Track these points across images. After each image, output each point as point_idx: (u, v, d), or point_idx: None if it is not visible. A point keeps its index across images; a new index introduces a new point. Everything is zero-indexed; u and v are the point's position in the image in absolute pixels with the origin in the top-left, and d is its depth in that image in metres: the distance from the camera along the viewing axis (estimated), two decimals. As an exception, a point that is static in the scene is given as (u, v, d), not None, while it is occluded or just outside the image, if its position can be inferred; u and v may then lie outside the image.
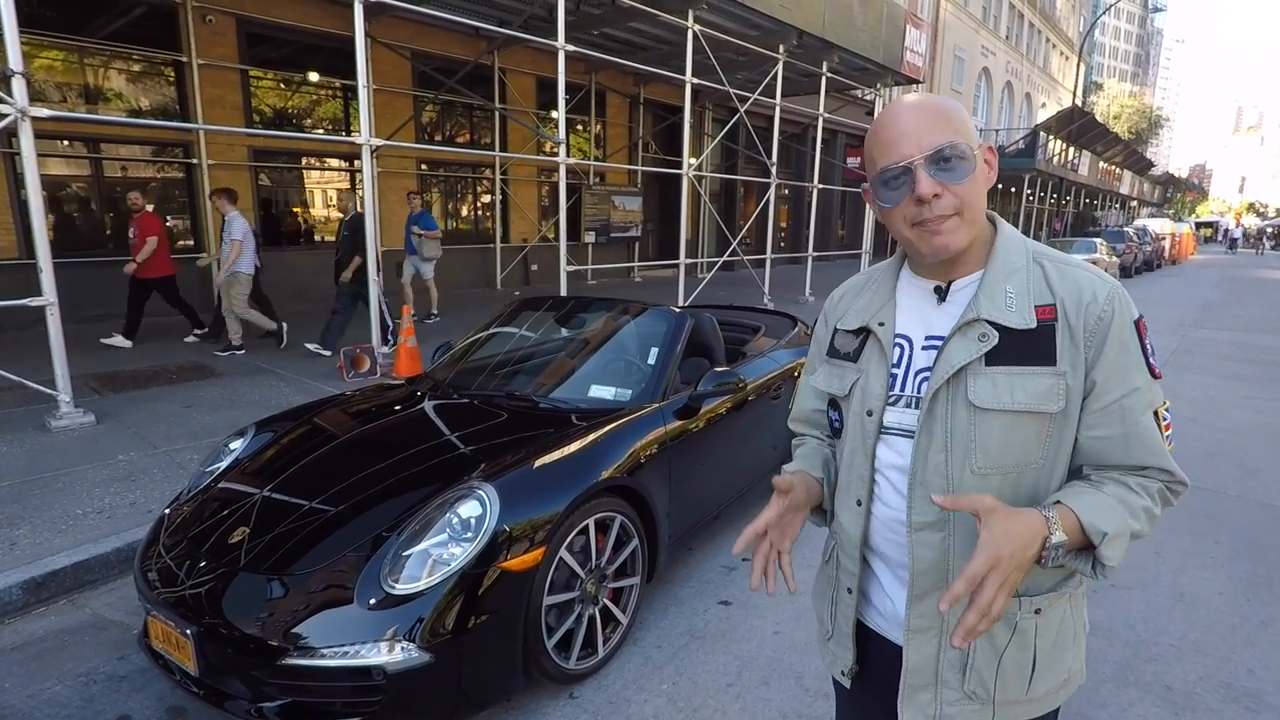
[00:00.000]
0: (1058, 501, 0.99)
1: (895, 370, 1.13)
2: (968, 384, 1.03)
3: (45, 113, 4.68)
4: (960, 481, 1.05)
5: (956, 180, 1.01)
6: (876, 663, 1.22)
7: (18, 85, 4.33)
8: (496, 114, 12.50)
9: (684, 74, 9.41)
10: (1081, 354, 1.01)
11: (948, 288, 1.10)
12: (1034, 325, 1.02)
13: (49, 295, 4.62)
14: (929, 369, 1.08)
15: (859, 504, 1.17)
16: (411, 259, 9.17)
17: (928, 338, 1.11)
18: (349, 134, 10.89)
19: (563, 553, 2.39)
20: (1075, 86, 30.53)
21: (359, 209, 7.17)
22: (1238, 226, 47.54)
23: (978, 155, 1.03)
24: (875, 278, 1.22)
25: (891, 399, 1.13)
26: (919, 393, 1.09)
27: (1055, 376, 1.01)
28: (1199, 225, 52.42)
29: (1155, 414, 1.03)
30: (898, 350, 1.14)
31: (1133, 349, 1.02)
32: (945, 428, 1.05)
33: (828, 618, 1.29)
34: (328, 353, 6.98)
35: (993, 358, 1.03)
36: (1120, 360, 1.01)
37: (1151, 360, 1.04)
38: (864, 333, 1.18)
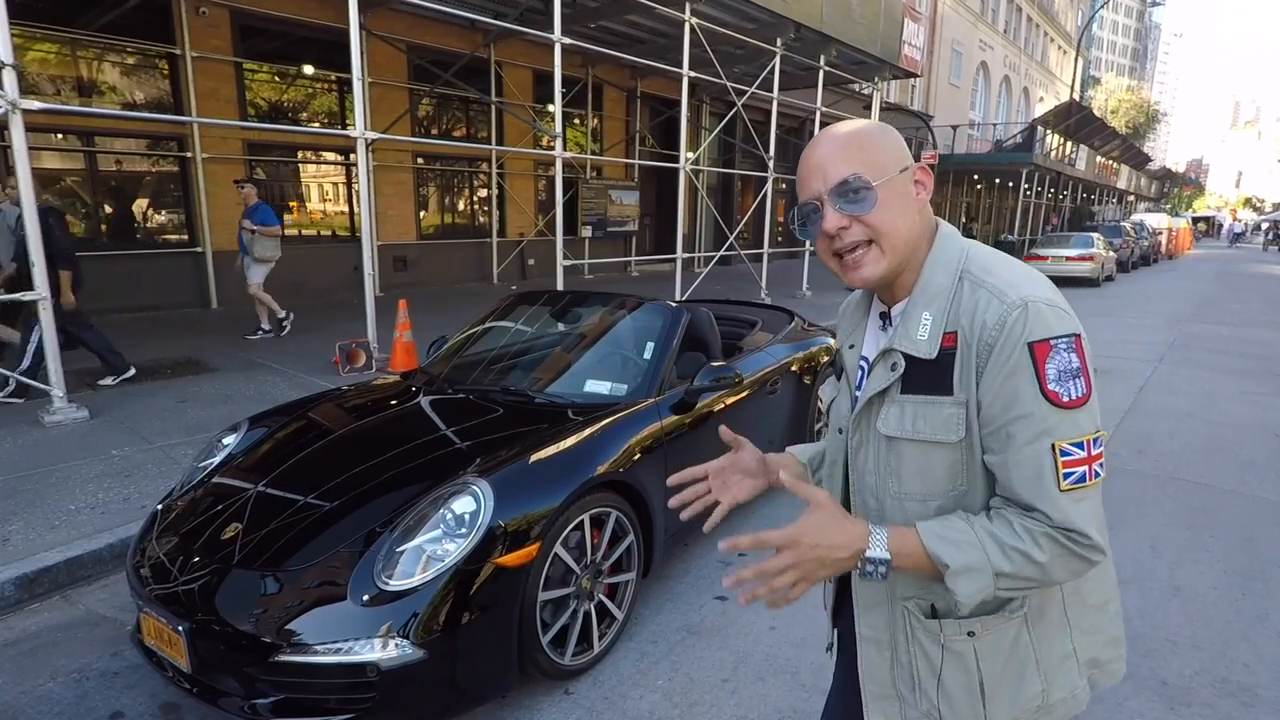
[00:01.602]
0: (914, 526, 0.99)
1: (857, 393, 1.17)
2: (879, 411, 1.07)
3: (37, 105, 4.64)
4: (883, 504, 1.09)
5: (863, 211, 1.01)
6: (847, 643, 1.26)
7: (8, 77, 4.29)
8: (493, 107, 12.45)
9: (681, 67, 9.37)
10: (973, 379, 0.98)
11: (889, 312, 1.13)
12: (934, 355, 1.01)
13: (41, 290, 4.59)
14: None
15: None
16: (244, 260, 7.61)
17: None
18: (344, 127, 10.86)
19: (558, 548, 2.38)
20: (1073, 81, 30.50)
21: (10, 200, 5.28)
22: (1237, 221, 47.42)
23: (880, 184, 1.00)
24: (858, 299, 1.25)
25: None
26: None
27: (955, 406, 1.00)
28: (1196, 220, 52.46)
29: (1053, 447, 0.93)
30: (859, 372, 1.18)
31: (1021, 372, 0.94)
32: (869, 453, 1.10)
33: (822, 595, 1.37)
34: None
35: (905, 385, 1.05)
36: (1005, 385, 0.95)
37: (1052, 387, 0.93)
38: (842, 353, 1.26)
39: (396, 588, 2.05)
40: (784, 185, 19.75)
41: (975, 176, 29.57)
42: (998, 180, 29.71)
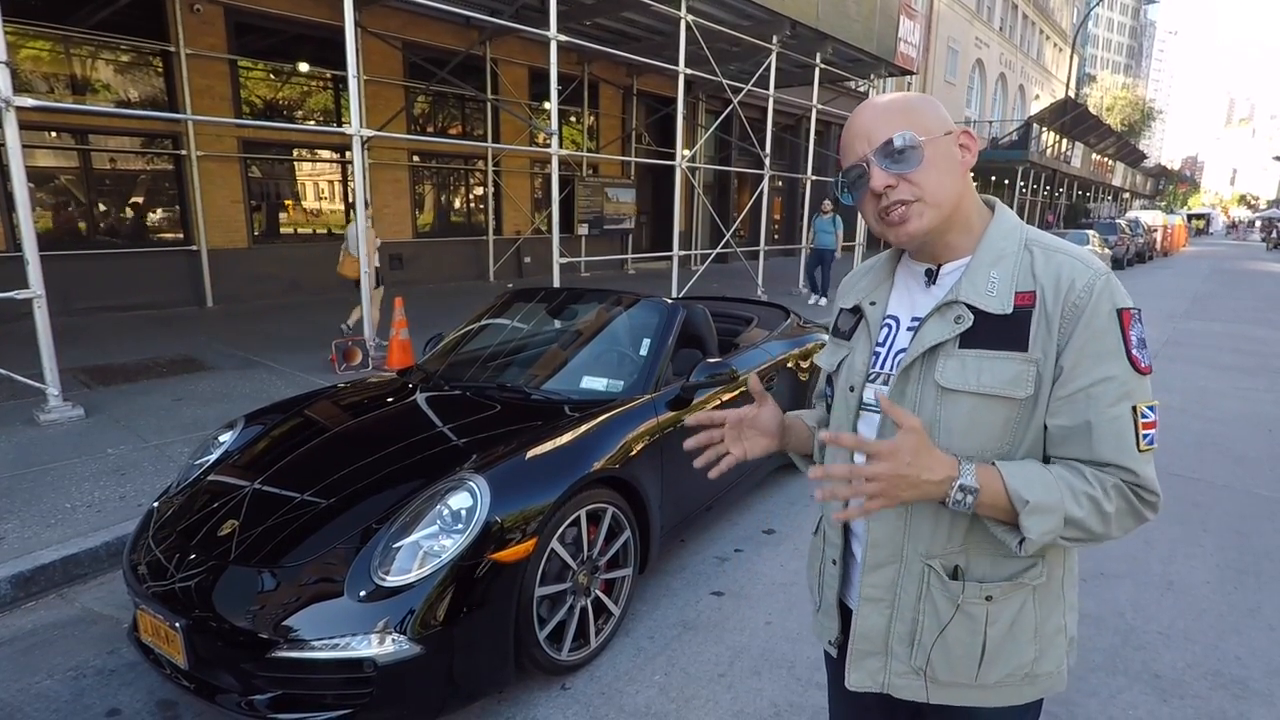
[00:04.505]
0: (993, 463, 1.00)
1: (879, 349, 1.17)
2: (938, 364, 1.06)
3: (30, 103, 4.62)
4: None
5: (909, 169, 1.03)
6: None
7: (2, 75, 4.27)
8: (489, 105, 12.43)
9: (677, 65, 9.37)
10: (1054, 341, 1.00)
11: (937, 271, 1.13)
12: (1010, 311, 1.02)
13: (36, 288, 4.58)
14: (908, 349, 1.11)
15: None
16: None
17: (913, 319, 1.14)
18: (340, 125, 10.83)
19: (554, 544, 2.39)
20: (1068, 78, 30.58)
21: None
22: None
23: (925, 142, 1.03)
24: (881, 261, 1.26)
25: (871, 375, 1.17)
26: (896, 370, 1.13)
27: (1026, 363, 1.01)
28: (1190, 217, 52.67)
29: (1134, 409, 0.99)
30: (885, 330, 1.18)
31: (1109, 337, 0.99)
32: (913, 406, 1.07)
33: (816, 589, 1.34)
34: None
35: (966, 340, 1.04)
36: (1091, 347, 0.99)
37: (1135, 353, 1.00)
38: (858, 312, 1.23)
39: (393, 583, 2.05)
40: (780, 183, 19.76)
41: (971, 174, 29.64)
42: (993, 178, 29.77)
